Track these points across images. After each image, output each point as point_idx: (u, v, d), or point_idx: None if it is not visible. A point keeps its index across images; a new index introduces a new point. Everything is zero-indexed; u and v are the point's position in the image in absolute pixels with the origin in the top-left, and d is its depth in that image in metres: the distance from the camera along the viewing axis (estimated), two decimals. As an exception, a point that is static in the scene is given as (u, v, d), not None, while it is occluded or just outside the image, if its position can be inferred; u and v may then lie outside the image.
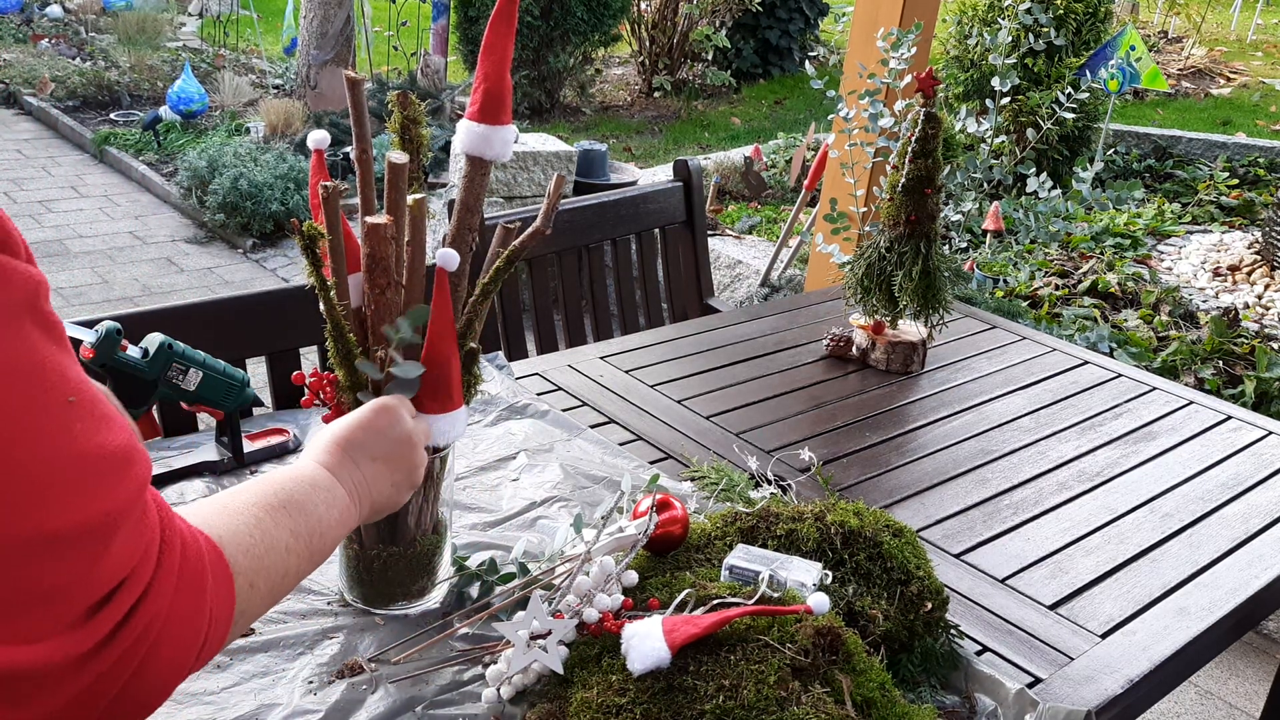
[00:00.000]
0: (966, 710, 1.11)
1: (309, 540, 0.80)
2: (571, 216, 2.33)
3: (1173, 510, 1.56)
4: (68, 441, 0.50)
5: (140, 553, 0.54)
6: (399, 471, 0.98)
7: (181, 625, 0.57)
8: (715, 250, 4.17)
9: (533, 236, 1.13)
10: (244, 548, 0.70)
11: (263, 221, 5.08)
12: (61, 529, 0.49)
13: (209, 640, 0.62)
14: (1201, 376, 3.17)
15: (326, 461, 0.91)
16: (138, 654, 0.53)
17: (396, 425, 0.98)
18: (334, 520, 0.86)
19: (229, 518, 0.71)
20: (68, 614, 0.50)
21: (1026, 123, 5.01)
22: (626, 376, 1.83)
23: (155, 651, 0.55)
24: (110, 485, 0.52)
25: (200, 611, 0.60)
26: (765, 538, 1.19)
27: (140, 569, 0.54)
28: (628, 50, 8.21)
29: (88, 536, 0.50)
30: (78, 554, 0.50)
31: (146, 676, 0.55)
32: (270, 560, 0.73)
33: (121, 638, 0.52)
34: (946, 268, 1.90)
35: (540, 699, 1.03)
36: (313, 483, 0.86)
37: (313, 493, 0.85)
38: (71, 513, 0.49)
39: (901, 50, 2.24)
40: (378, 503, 0.95)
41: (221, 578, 0.64)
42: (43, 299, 0.51)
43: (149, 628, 0.54)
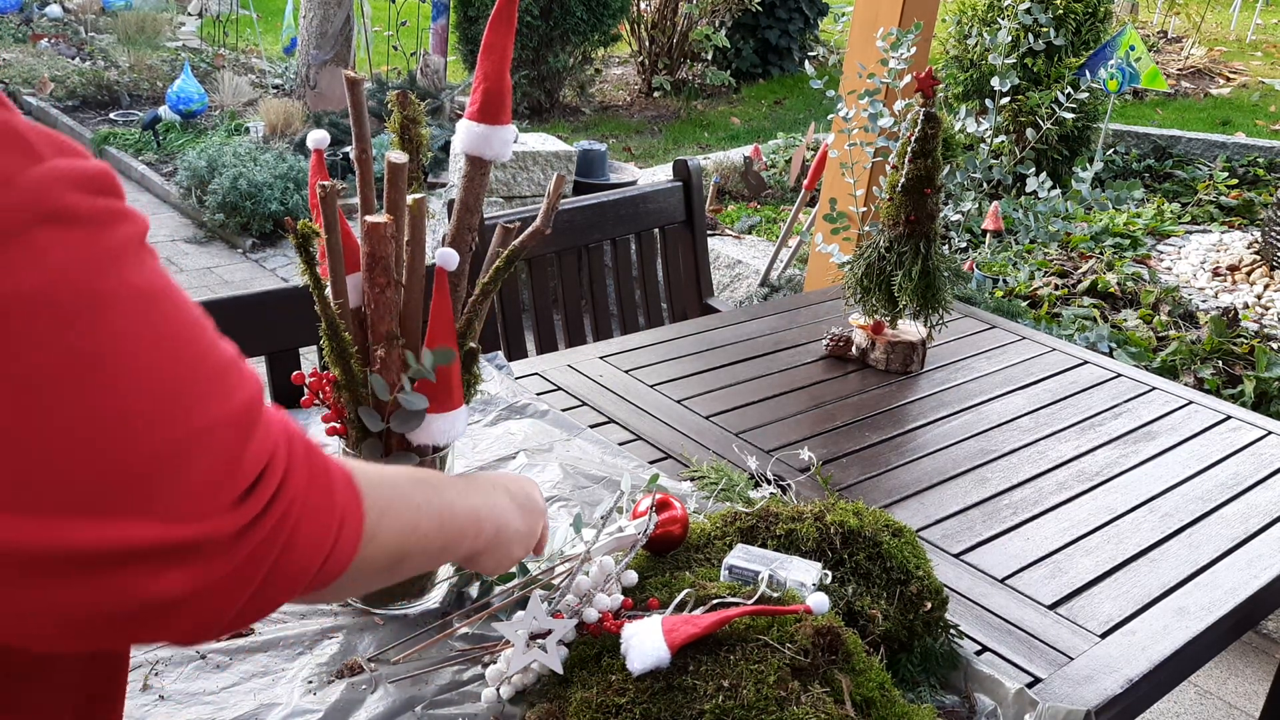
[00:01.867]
0: (966, 710, 1.11)
1: (439, 512, 0.82)
2: (571, 216, 2.33)
3: (1172, 510, 1.56)
4: (206, 346, 0.57)
5: (274, 444, 0.59)
6: (526, 524, 1.01)
7: (315, 514, 0.62)
8: (715, 250, 4.17)
9: (532, 236, 1.13)
10: (375, 482, 0.72)
11: (262, 221, 5.08)
12: (214, 421, 0.55)
13: (340, 540, 0.65)
14: (1201, 376, 3.17)
15: (467, 478, 1.00)
16: (284, 531, 0.59)
17: (534, 491, 1.07)
18: (465, 509, 0.90)
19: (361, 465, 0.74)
20: (226, 496, 0.55)
21: (1026, 123, 5.01)
22: (626, 376, 1.83)
23: (296, 532, 0.60)
24: (240, 380, 0.58)
25: (331, 506, 0.64)
26: (765, 538, 1.19)
27: (276, 459, 0.59)
28: (627, 50, 8.21)
29: (233, 427, 0.56)
30: (227, 443, 0.56)
31: (292, 556, 0.60)
32: (401, 506, 0.76)
33: (270, 515, 0.58)
34: (946, 268, 1.90)
35: (540, 699, 1.03)
36: (454, 479, 0.94)
37: (447, 481, 0.91)
38: (219, 406, 0.56)
39: (901, 50, 2.24)
40: (504, 534, 0.98)
41: (348, 489, 0.67)
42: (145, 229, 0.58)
43: (289, 510, 0.59)
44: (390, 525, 0.73)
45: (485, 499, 0.96)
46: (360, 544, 0.68)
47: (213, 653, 1.08)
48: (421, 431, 1.10)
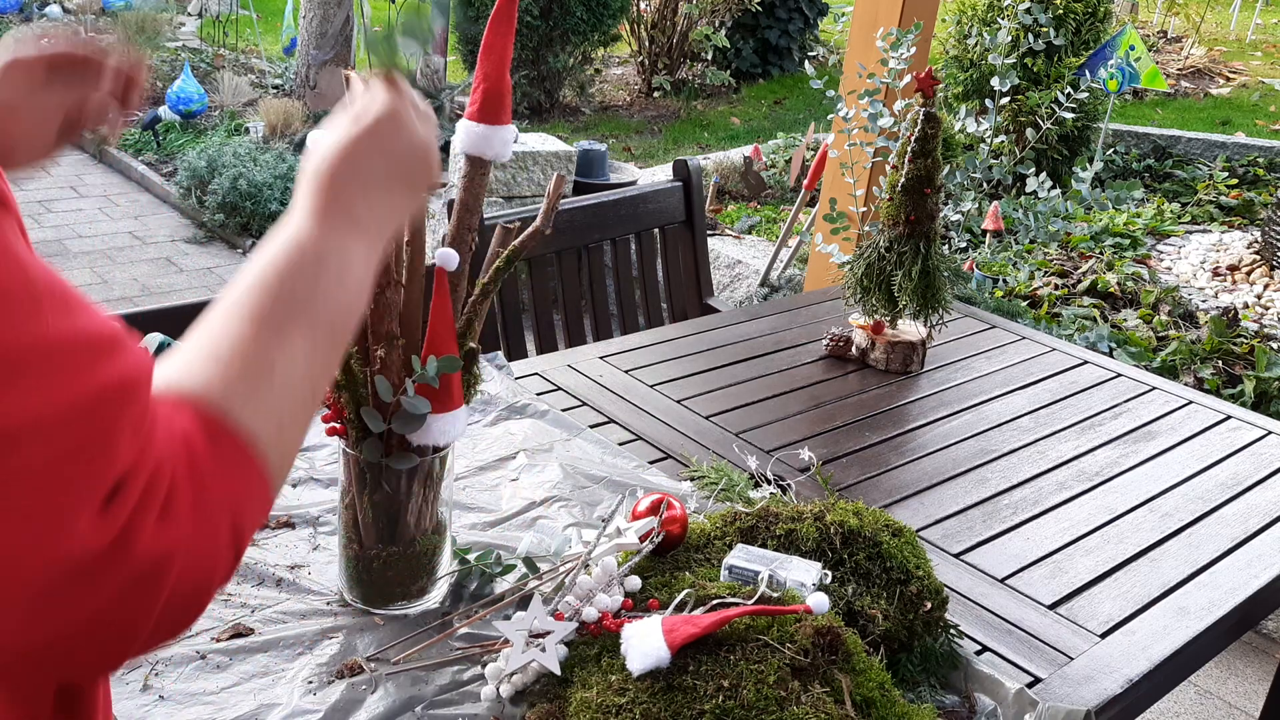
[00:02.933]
0: (966, 710, 1.11)
1: (328, 331, 0.67)
2: (571, 216, 2.33)
3: (1172, 510, 1.56)
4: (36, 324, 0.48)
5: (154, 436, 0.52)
6: (417, 186, 0.79)
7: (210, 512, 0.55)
8: (715, 250, 4.17)
9: (532, 236, 1.13)
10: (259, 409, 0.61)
11: (262, 221, 5.08)
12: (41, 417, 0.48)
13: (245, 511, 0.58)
14: (1201, 376, 3.17)
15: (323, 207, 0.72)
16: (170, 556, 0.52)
17: (403, 132, 0.78)
18: (352, 284, 0.70)
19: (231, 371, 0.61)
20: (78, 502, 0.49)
21: (1026, 122, 5.01)
22: (626, 376, 1.83)
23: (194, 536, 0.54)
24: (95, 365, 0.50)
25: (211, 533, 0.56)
26: (765, 537, 1.19)
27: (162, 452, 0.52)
28: (627, 50, 8.21)
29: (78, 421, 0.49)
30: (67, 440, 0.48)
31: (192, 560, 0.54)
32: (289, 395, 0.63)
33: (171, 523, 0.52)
34: (946, 267, 1.90)
35: (540, 699, 1.03)
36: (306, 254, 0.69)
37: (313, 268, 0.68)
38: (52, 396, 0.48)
39: (901, 50, 2.24)
40: (400, 224, 0.79)
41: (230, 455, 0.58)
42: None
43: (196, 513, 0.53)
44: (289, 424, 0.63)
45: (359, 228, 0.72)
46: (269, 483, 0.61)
47: (213, 653, 1.08)
48: (422, 432, 1.10)
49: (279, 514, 1.32)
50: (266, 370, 0.62)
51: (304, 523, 1.31)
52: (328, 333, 0.67)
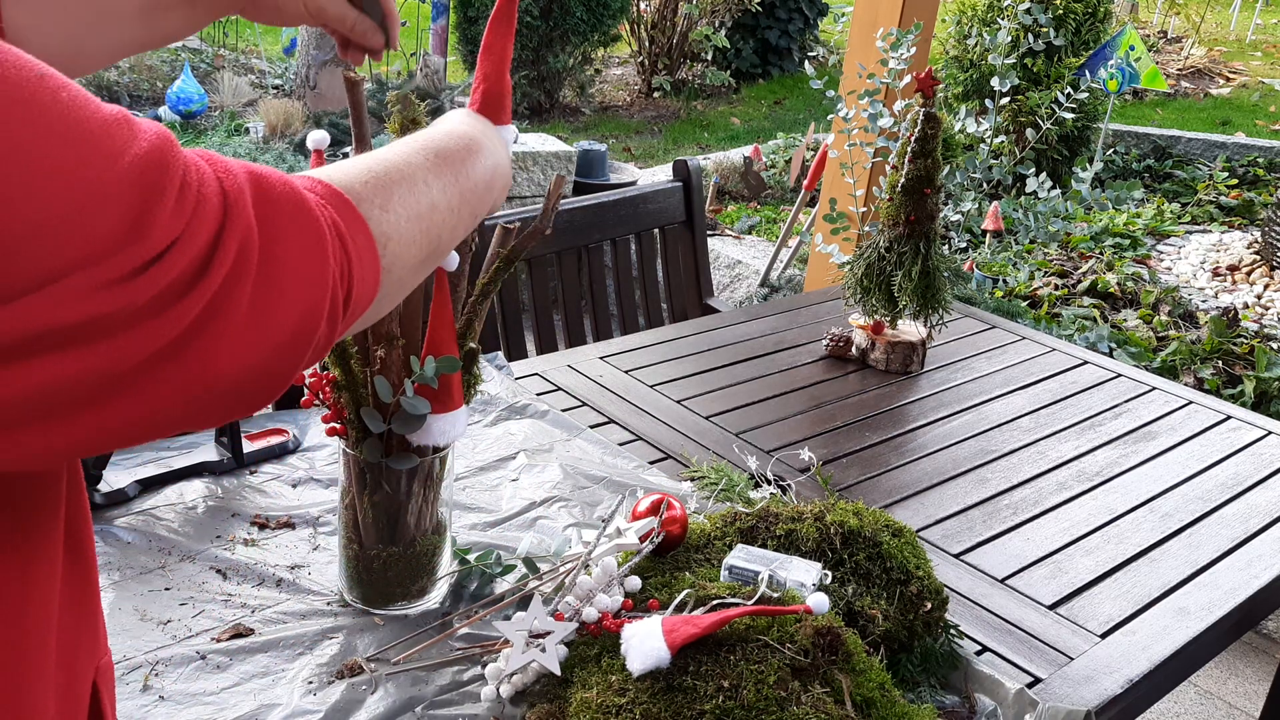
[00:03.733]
0: (966, 710, 1.11)
1: (454, 179, 0.76)
2: (571, 216, 2.33)
3: (1172, 510, 1.56)
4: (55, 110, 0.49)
5: (193, 205, 0.53)
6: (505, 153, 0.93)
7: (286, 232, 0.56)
8: (715, 250, 4.17)
9: (532, 236, 1.13)
10: (363, 180, 0.66)
11: (262, 222, 5.07)
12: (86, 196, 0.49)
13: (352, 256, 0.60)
14: (1201, 376, 3.17)
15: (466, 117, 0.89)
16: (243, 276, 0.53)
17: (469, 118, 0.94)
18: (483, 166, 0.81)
19: (345, 167, 0.67)
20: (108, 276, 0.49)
21: (1026, 123, 5.01)
22: (626, 376, 1.83)
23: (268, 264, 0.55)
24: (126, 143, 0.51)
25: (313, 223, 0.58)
26: (765, 538, 1.19)
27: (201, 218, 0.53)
28: (627, 50, 8.21)
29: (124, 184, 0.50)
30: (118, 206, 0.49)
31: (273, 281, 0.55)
32: (404, 190, 0.69)
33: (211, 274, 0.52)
34: (946, 268, 1.90)
35: (540, 699, 1.03)
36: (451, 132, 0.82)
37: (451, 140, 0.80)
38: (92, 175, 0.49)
39: (901, 50, 2.24)
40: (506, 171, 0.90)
41: (337, 204, 0.62)
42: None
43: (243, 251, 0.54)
44: (401, 215, 0.67)
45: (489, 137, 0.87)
46: (378, 251, 0.64)
47: (213, 653, 1.08)
48: (422, 432, 1.10)
49: (279, 514, 1.32)
50: (388, 171, 0.69)
51: (304, 523, 1.31)
52: (456, 186, 0.76)
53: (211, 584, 1.19)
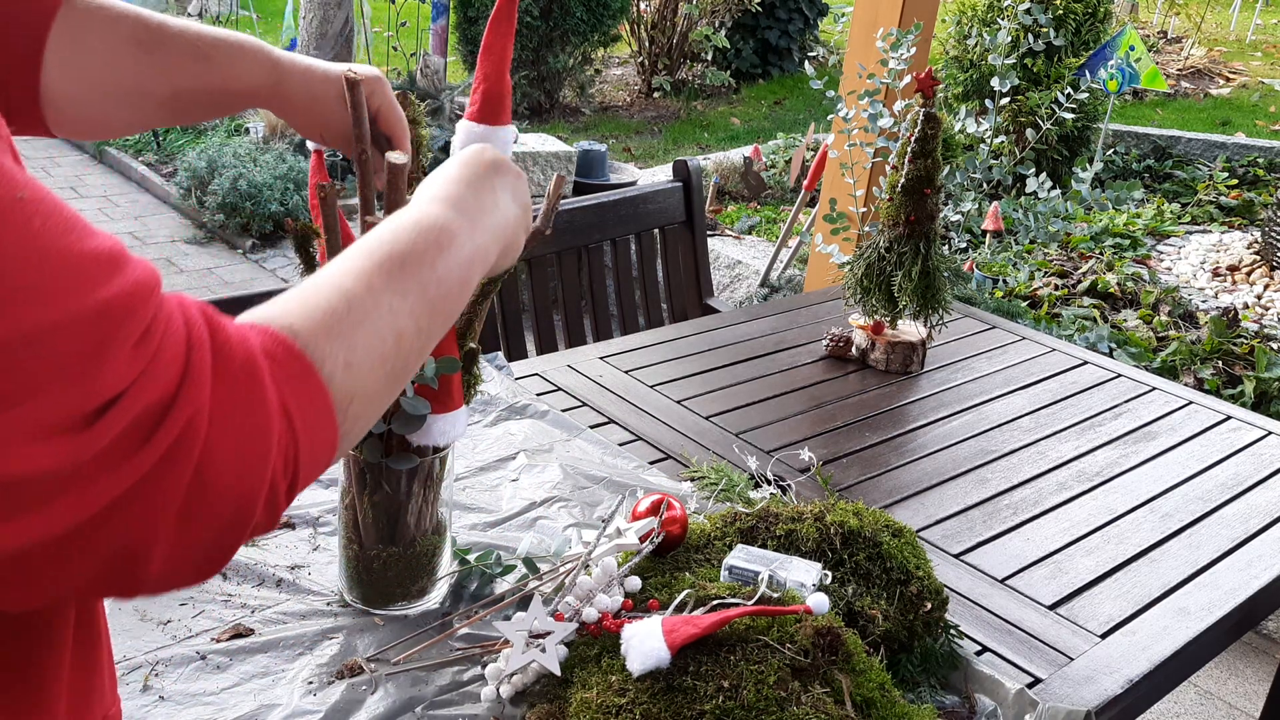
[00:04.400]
0: (966, 710, 1.11)
1: (421, 293, 0.69)
2: (571, 217, 2.33)
3: (1172, 510, 1.56)
4: (21, 236, 0.48)
5: (150, 359, 0.51)
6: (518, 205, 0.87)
7: (234, 426, 0.54)
8: (715, 250, 4.17)
9: (533, 237, 1.13)
10: (325, 330, 0.61)
11: (262, 222, 5.08)
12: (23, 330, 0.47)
13: (301, 437, 0.58)
14: (1201, 376, 3.17)
15: (443, 195, 0.79)
16: (184, 460, 0.51)
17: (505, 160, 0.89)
18: (459, 261, 0.74)
19: (306, 304, 0.63)
20: (53, 420, 0.48)
21: (1026, 123, 5.01)
22: (626, 377, 1.83)
23: (209, 456, 0.52)
24: (84, 285, 0.49)
25: (261, 410, 0.55)
26: (765, 538, 1.19)
27: (154, 375, 0.51)
28: (627, 50, 8.21)
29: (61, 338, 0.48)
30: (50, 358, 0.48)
31: (210, 484, 0.53)
32: (368, 332, 0.64)
33: (154, 444, 0.50)
34: (946, 268, 1.90)
35: (540, 699, 1.03)
36: (417, 226, 0.73)
37: (418, 239, 0.72)
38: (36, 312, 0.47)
39: (901, 50, 2.24)
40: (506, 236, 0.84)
41: (295, 373, 0.58)
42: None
43: (188, 432, 0.51)
44: (365, 367, 0.63)
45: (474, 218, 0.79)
46: (337, 420, 0.60)
47: (213, 654, 1.08)
48: (422, 432, 1.11)
49: (279, 514, 1.32)
50: (350, 310, 0.64)
51: (304, 523, 1.31)
52: (424, 300, 0.69)
53: (211, 584, 1.19)
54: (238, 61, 0.95)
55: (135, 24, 0.90)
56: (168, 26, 0.92)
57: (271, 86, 0.97)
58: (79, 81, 0.88)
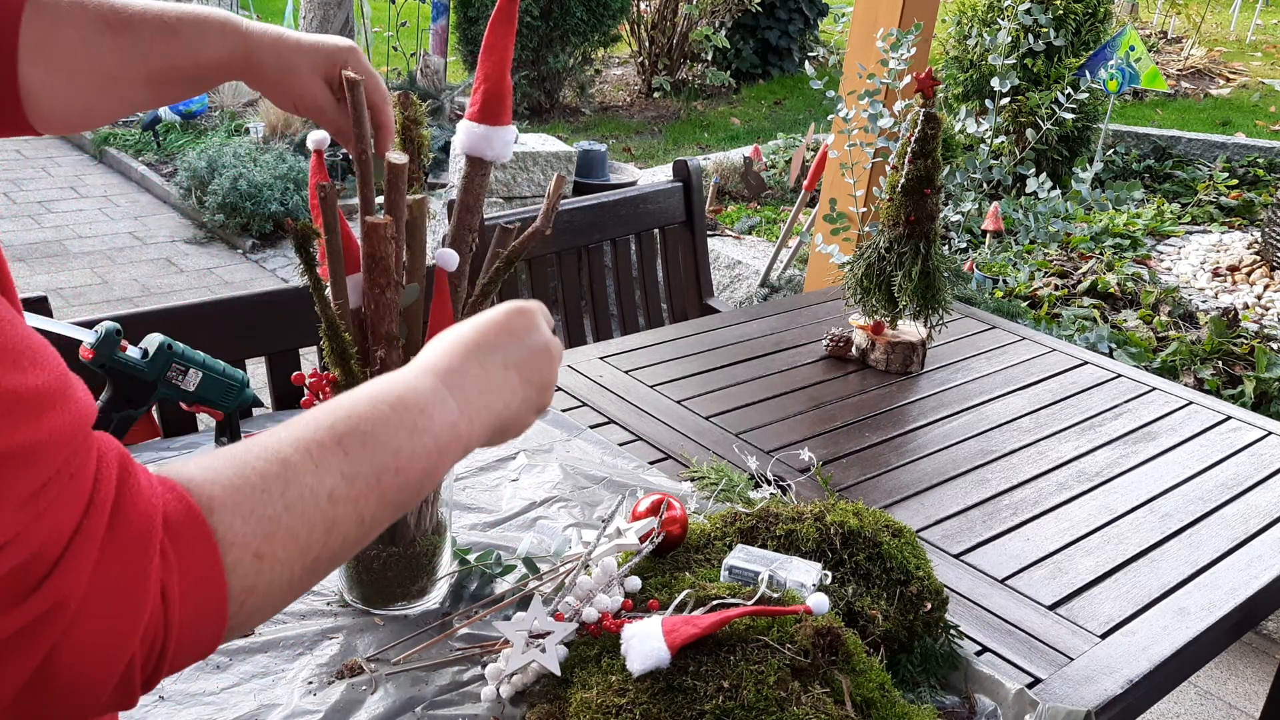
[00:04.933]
0: (966, 710, 1.11)
1: (375, 480, 0.62)
2: (571, 217, 2.33)
3: (1172, 510, 1.56)
4: None
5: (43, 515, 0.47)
6: (532, 385, 0.80)
7: (103, 609, 0.49)
8: (715, 250, 4.17)
9: (532, 237, 1.13)
10: (246, 510, 0.56)
11: (262, 222, 5.08)
12: None
13: (174, 625, 0.52)
14: (1201, 377, 3.17)
15: (439, 366, 0.73)
16: (43, 637, 0.47)
17: (535, 332, 0.81)
18: (425, 447, 0.66)
19: (236, 473, 0.57)
20: None
21: (1026, 123, 5.01)
22: (626, 377, 1.83)
23: (67, 639, 0.48)
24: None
25: (136, 595, 0.50)
26: (765, 538, 1.19)
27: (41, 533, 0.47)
28: (627, 50, 8.21)
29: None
30: None
31: (64, 660, 0.48)
32: (295, 517, 0.57)
33: (15, 615, 0.46)
34: (946, 268, 1.90)
35: (540, 699, 1.03)
36: (399, 401, 0.67)
37: (392, 416, 0.65)
38: None
39: (901, 50, 2.24)
40: (504, 419, 0.77)
41: (193, 554, 0.53)
42: None
43: (56, 610, 0.47)
44: (280, 558, 0.57)
45: (465, 396, 0.72)
46: (228, 610, 0.55)
47: (213, 654, 1.08)
48: (421, 432, 1.10)
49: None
50: (284, 490, 0.58)
51: (304, 523, 1.31)
52: (374, 488, 0.62)
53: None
54: (206, 34, 0.96)
55: (102, 8, 0.91)
56: (132, 6, 0.93)
57: (242, 57, 0.98)
58: (55, 72, 0.88)
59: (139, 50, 0.92)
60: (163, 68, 0.94)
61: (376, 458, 0.63)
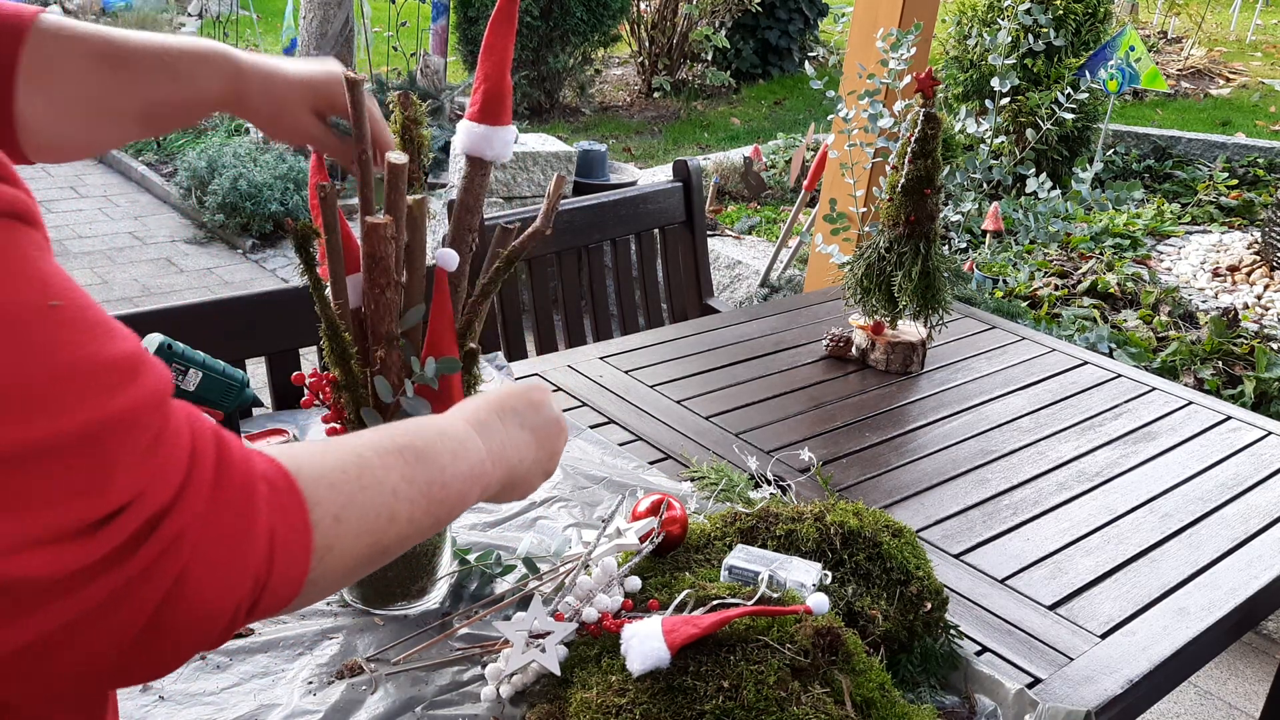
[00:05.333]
0: (966, 710, 1.11)
1: (426, 488, 0.73)
2: (571, 217, 2.33)
3: (1172, 510, 1.56)
4: (48, 348, 0.49)
5: (157, 469, 0.52)
6: (544, 450, 0.92)
7: (220, 546, 0.55)
8: (715, 250, 4.17)
9: (532, 237, 1.13)
10: (329, 481, 0.64)
11: (262, 222, 5.08)
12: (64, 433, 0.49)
13: (276, 567, 0.58)
14: (1201, 377, 3.17)
15: (470, 416, 0.85)
16: (166, 573, 0.52)
17: (550, 407, 0.94)
18: (461, 473, 0.78)
19: (320, 454, 0.66)
20: (62, 526, 0.49)
21: (1026, 123, 5.01)
22: (626, 377, 1.83)
23: (188, 573, 0.53)
24: (101, 396, 0.51)
25: (248, 534, 0.56)
26: (765, 538, 1.19)
27: (157, 485, 0.52)
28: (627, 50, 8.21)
29: (93, 441, 0.50)
30: (64, 467, 0.49)
31: (184, 599, 0.53)
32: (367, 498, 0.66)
33: (141, 554, 0.51)
34: (946, 268, 1.90)
35: (540, 699, 1.03)
36: (441, 431, 0.79)
37: (438, 440, 0.77)
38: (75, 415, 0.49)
39: (901, 50, 2.24)
40: (517, 473, 0.88)
41: (288, 504, 0.60)
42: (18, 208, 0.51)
43: (175, 546, 0.52)
44: (353, 528, 0.65)
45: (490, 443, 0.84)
46: (311, 563, 0.61)
47: (212, 654, 1.08)
48: (421, 432, 1.10)
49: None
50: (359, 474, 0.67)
51: (304, 523, 1.31)
52: (426, 494, 0.73)
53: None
54: (200, 71, 0.97)
55: (101, 42, 0.92)
56: (131, 41, 0.94)
57: (234, 94, 1.00)
58: (52, 104, 0.90)
59: (136, 87, 0.94)
60: (157, 103, 0.96)
61: (428, 470, 0.74)
